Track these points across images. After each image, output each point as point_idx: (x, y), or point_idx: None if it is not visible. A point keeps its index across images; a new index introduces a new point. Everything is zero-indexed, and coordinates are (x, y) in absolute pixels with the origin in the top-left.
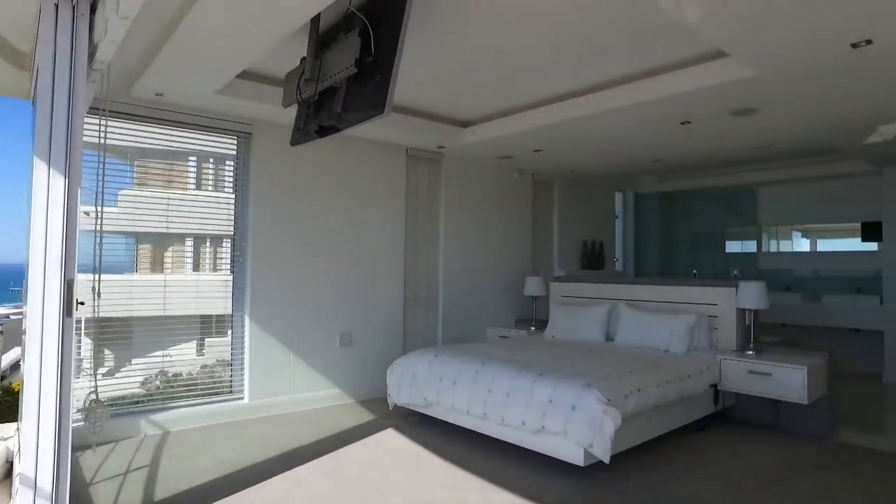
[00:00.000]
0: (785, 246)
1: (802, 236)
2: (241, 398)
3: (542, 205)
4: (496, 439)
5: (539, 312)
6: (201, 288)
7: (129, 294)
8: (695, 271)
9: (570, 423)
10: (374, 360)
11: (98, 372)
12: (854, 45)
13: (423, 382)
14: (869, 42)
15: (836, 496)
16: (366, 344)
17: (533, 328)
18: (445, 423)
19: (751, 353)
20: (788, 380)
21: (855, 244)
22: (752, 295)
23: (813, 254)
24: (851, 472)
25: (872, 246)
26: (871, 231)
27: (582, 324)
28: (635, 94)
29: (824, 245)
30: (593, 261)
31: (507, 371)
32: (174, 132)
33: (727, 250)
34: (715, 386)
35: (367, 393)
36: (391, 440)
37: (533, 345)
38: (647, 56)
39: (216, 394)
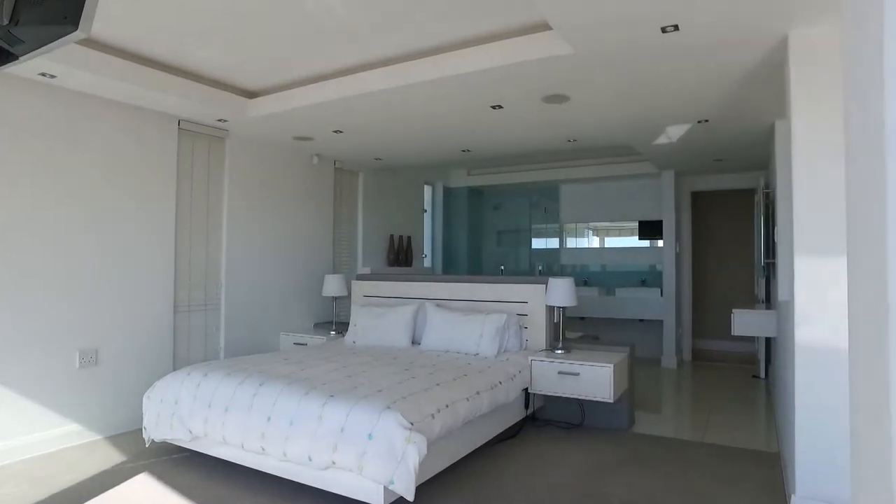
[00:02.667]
0: (582, 243)
1: (593, 234)
2: None
3: (345, 196)
4: (279, 478)
5: (340, 314)
6: None
7: None
8: (502, 267)
9: (366, 457)
10: (130, 383)
11: None
12: (663, 30)
13: (187, 410)
14: (676, 28)
15: (643, 489)
16: (119, 362)
17: (333, 332)
18: (217, 460)
19: (560, 351)
20: (596, 378)
21: (635, 241)
22: (560, 292)
23: (605, 250)
24: (650, 462)
25: (647, 243)
26: (646, 230)
27: (386, 327)
28: (441, 67)
29: (610, 242)
30: (401, 257)
31: (291, 392)
32: None
33: (533, 246)
34: (526, 390)
35: (120, 426)
36: (142, 490)
37: (330, 354)
38: (470, 24)
39: None
